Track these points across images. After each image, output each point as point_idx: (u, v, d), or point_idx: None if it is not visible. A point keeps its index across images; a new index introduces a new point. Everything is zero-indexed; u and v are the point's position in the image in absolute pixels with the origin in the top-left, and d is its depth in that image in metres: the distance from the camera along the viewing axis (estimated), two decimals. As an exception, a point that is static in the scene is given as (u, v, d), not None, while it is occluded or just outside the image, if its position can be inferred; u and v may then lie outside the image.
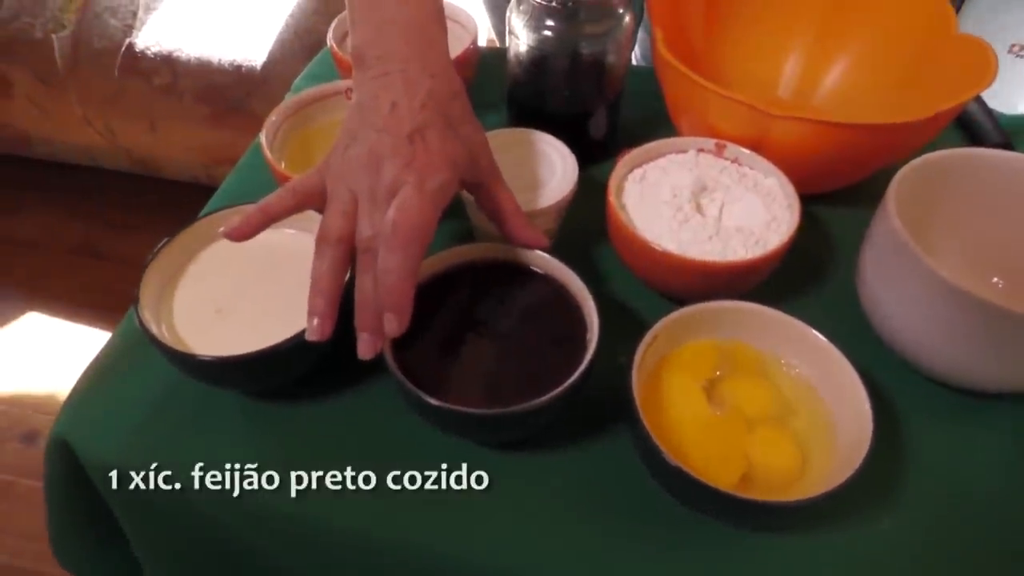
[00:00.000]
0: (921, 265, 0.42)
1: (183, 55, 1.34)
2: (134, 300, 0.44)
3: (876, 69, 0.64)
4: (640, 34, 0.91)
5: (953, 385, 0.46)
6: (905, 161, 0.48)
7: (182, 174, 1.60)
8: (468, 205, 0.52)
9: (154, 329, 0.43)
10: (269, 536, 0.45)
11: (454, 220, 0.56)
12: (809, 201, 0.58)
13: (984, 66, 0.54)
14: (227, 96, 1.35)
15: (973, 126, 0.64)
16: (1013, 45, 1.25)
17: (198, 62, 1.34)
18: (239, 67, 1.33)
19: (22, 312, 1.47)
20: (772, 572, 0.41)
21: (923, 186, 0.48)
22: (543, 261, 0.47)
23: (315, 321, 0.41)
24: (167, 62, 1.35)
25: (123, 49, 1.35)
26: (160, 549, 0.50)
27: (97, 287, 1.50)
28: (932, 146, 0.52)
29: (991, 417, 0.47)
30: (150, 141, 1.46)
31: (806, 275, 0.55)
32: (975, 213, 0.51)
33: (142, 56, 1.35)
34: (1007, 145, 0.62)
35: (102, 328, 1.44)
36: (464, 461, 0.44)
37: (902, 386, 0.48)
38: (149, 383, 0.47)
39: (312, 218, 0.48)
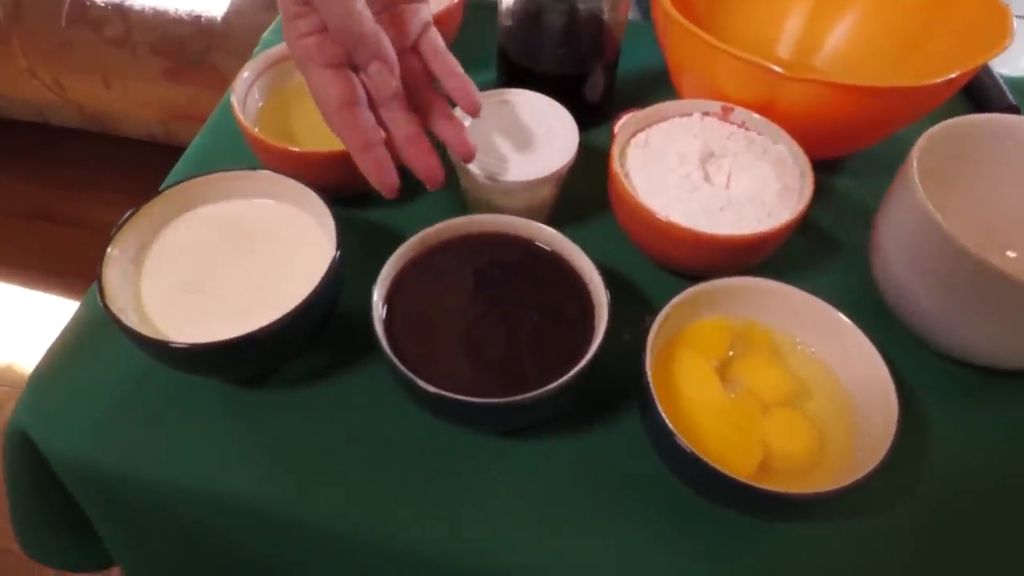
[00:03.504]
0: (946, 239, 0.40)
1: (136, 4, 1.25)
2: (96, 280, 0.39)
3: (880, 29, 0.61)
4: None
5: (969, 361, 0.45)
6: (916, 128, 0.46)
7: (139, 131, 1.52)
8: (461, 173, 0.48)
9: (120, 313, 0.38)
10: (251, 532, 0.42)
11: (446, 189, 0.52)
12: (815, 168, 0.55)
13: (999, 25, 0.51)
14: (186, 49, 1.27)
15: (979, 90, 0.62)
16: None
17: (153, 12, 1.25)
18: (198, 17, 1.25)
19: (-29, 279, 1.39)
20: (789, 560, 0.39)
21: (941, 153, 0.46)
22: (549, 236, 0.43)
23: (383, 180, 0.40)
24: (119, 11, 1.26)
25: (70, -4, 1.26)
26: (133, 544, 0.47)
27: (52, 252, 1.43)
28: (939, 110, 0.50)
29: (1012, 397, 0.45)
30: (103, 96, 1.37)
31: (813, 245, 0.53)
32: (988, 182, 0.49)
33: (91, 4, 1.26)
34: (1015, 109, 0.60)
35: (60, 295, 1.37)
36: (462, 450, 0.42)
37: (913, 361, 0.46)
38: (116, 369, 0.43)
39: (286, 185, 0.45)
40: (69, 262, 1.39)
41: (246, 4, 1.27)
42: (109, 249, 0.40)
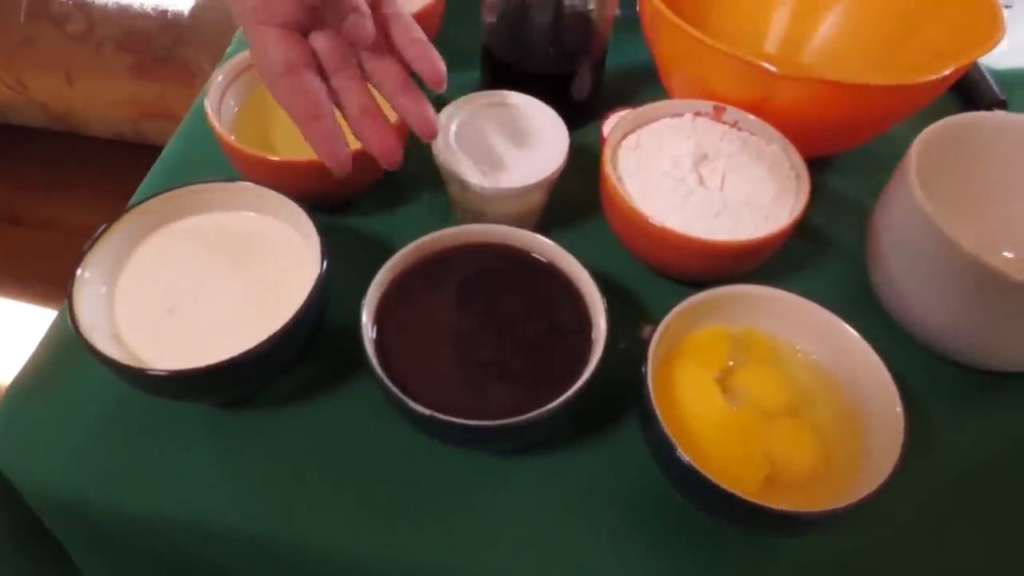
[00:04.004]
0: (945, 240, 0.39)
1: (99, -1, 1.21)
2: (67, 303, 0.37)
3: (868, 23, 0.60)
4: None
5: (969, 364, 0.44)
6: (906, 125, 0.45)
7: (107, 130, 1.47)
8: (449, 180, 0.46)
9: (93, 338, 0.36)
10: (240, 559, 0.40)
11: (435, 195, 0.50)
12: (808, 166, 0.55)
13: (990, 20, 0.51)
14: (152, 45, 1.23)
15: (967, 85, 0.61)
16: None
17: (117, 7, 1.21)
18: (164, 12, 1.21)
19: (-67, 286, 1.34)
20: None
21: (938, 152, 0.45)
22: (544, 246, 0.42)
23: (333, 153, 0.38)
24: (80, 7, 1.21)
25: (29, -9, 1.21)
26: (111, 573, 0.45)
27: (17, 256, 1.38)
28: (928, 107, 0.50)
29: (1014, 399, 0.45)
30: (68, 95, 1.33)
31: (808, 248, 0.52)
32: (986, 182, 0.48)
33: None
34: (1003, 104, 0.59)
35: (26, 301, 1.33)
36: (456, 469, 0.40)
37: (916, 366, 0.45)
38: (91, 394, 0.41)
39: (266, 196, 0.43)
40: (39, 267, 1.35)
41: (215, -3, 1.23)
42: (79, 271, 0.38)
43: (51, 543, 0.45)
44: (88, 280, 0.39)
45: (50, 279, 1.32)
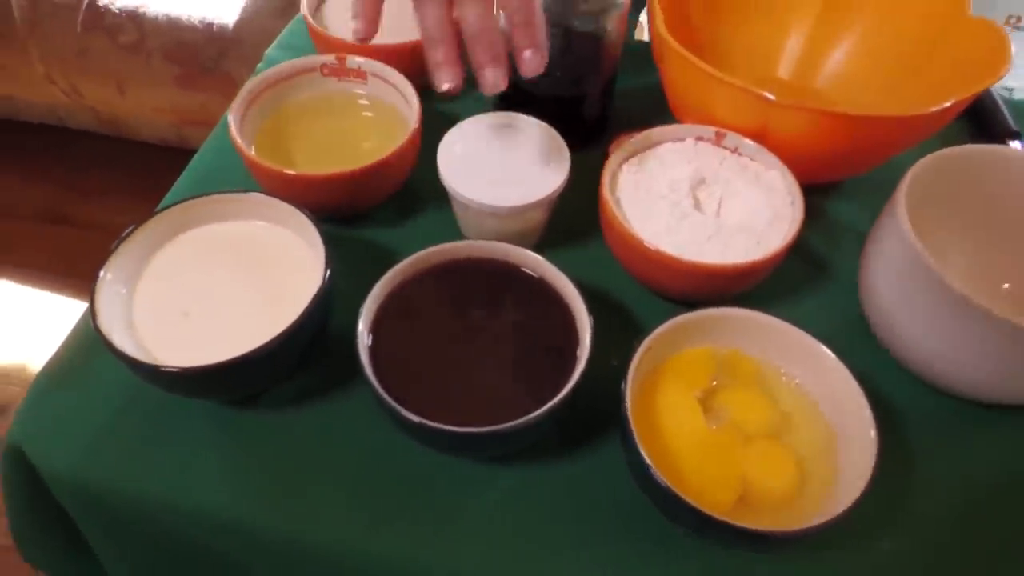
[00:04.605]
0: (930, 274, 0.39)
1: (150, 12, 1.27)
2: (90, 300, 0.40)
3: (882, 51, 0.61)
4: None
5: (958, 395, 0.44)
6: (913, 152, 0.46)
7: (152, 135, 1.54)
8: (453, 198, 0.48)
9: (112, 335, 0.39)
10: (239, 549, 0.43)
11: (440, 212, 0.53)
12: (810, 192, 0.55)
13: (998, 52, 0.51)
14: (198, 56, 1.28)
15: (980, 114, 0.61)
16: (1010, 16, 1.22)
17: (167, 19, 1.27)
18: (210, 25, 1.26)
19: (-13, 280, 1.42)
20: (767, 593, 0.39)
21: (934, 184, 0.46)
22: (536, 263, 0.44)
23: (443, 72, 0.40)
24: (133, 18, 1.27)
25: (85, 3, 1.28)
26: (125, 560, 0.48)
27: (65, 254, 1.45)
28: (937, 134, 0.50)
29: (998, 430, 0.45)
30: (118, 101, 1.39)
31: (805, 272, 0.53)
32: (987, 213, 0.49)
33: (106, 11, 1.27)
34: (1015, 134, 0.59)
35: (71, 296, 1.39)
36: (446, 474, 0.42)
37: (903, 393, 0.46)
38: (109, 387, 0.44)
39: (276, 207, 0.45)
40: (82, 264, 1.41)
41: (257, 12, 1.28)
42: (102, 272, 0.41)
43: (73, 528, 0.48)
44: (110, 281, 0.42)
45: (90, 276, 1.39)
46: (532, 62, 0.42)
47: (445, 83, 0.41)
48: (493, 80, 0.42)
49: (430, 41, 0.41)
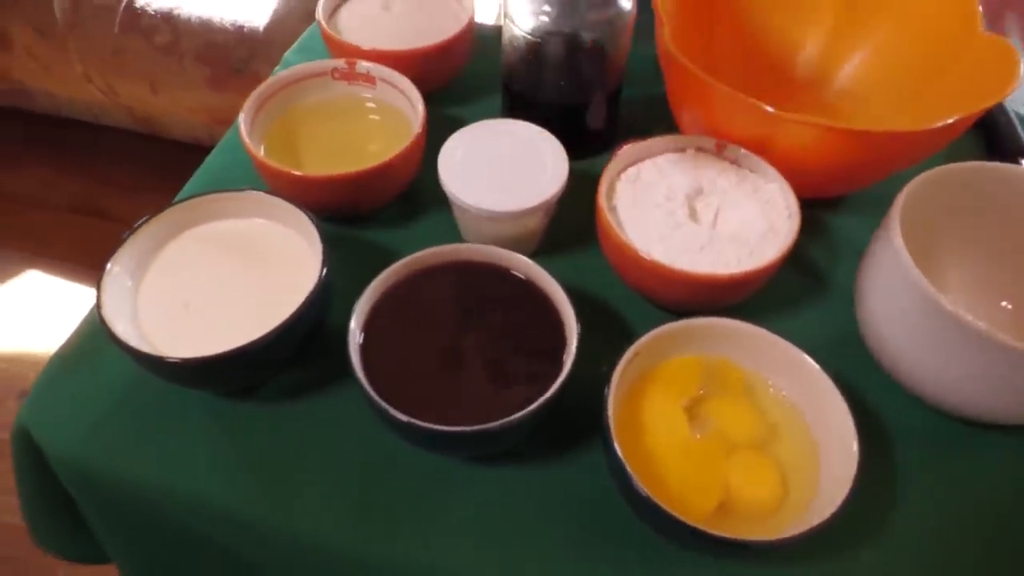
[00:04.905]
0: (922, 290, 0.39)
1: (184, 13, 1.31)
2: (96, 292, 0.42)
3: (895, 64, 0.60)
4: None
5: (948, 413, 0.44)
6: (921, 168, 0.46)
7: (185, 134, 1.58)
8: (452, 202, 0.49)
9: (116, 325, 0.41)
10: (230, 536, 0.44)
11: (442, 214, 0.54)
12: (813, 205, 0.55)
13: (1008, 70, 0.50)
14: (230, 58, 1.31)
15: (991, 129, 0.61)
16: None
17: (199, 21, 1.30)
18: (241, 27, 1.30)
19: (22, 270, 1.46)
20: (744, 603, 0.39)
21: (932, 200, 0.45)
22: (528, 267, 0.44)
23: None
24: (168, 20, 1.31)
25: (123, 5, 1.32)
26: (124, 542, 0.49)
27: (98, 247, 1.49)
28: (948, 149, 0.50)
29: (988, 449, 0.45)
30: (152, 101, 1.43)
31: (804, 285, 0.52)
32: (987, 230, 0.48)
33: (142, 13, 1.31)
34: (1028, 152, 0.58)
35: (101, 289, 1.43)
36: (433, 472, 0.43)
37: (896, 410, 0.46)
38: (113, 376, 0.46)
39: (277, 205, 0.46)
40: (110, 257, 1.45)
41: (287, 15, 1.31)
42: (109, 265, 0.43)
43: (79, 513, 0.50)
44: (116, 274, 0.43)
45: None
46: None
47: None
48: None
49: None
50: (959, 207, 0.47)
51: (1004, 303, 0.48)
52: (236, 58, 1.32)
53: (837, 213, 0.57)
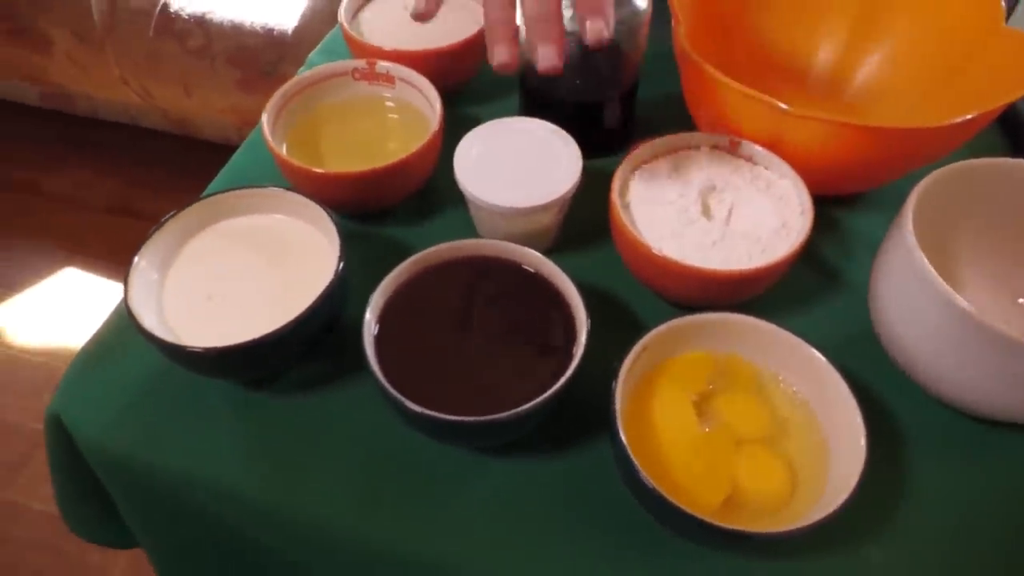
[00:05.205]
0: (936, 288, 0.39)
1: (216, 17, 1.34)
2: (124, 285, 0.44)
3: (915, 61, 0.60)
4: None
5: (963, 411, 0.44)
6: (935, 166, 0.45)
7: (216, 135, 1.62)
8: (468, 199, 0.50)
9: (143, 317, 0.43)
10: (250, 523, 0.45)
11: (459, 211, 0.54)
12: (828, 202, 0.55)
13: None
14: (259, 60, 1.34)
15: (1015, 124, 0.60)
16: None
17: (231, 24, 1.34)
18: (271, 31, 1.32)
19: (60, 268, 1.51)
20: (751, 597, 0.39)
21: (947, 196, 0.45)
22: (539, 262, 0.45)
23: (497, 48, 0.41)
24: (200, 24, 1.34)
25: (158, 9, 1.36)
26: (150, 527, 0.51)
27: (131, 247, 1.53)
28: (971, 147, 0.49)
29: (1003, 448, 0.44)
30: (185, 103, 1.47)
31: (817, 282, 0.52)
32: (1003, 227, 0.47)
33: (176, 17, 1.35)
34: (1053, 149, 0.58)
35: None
36: (446, 463, 0.44)
37: (911, 408, 0.45)
38: (141, 365, 0.48)
39: (297, 202, 0.48)
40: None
41: (316, 18, 1.34)
42: (136, 259, 0.45)
43: (110, 499, 0.52)
44: (143, 268, 0.45)
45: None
46: (594, 30, 0.41)
47: (499, 58, 0.42)
48: (546, 57, 0.42)
49: (492, 22, 0.42)
50: (974, 203, 0.47)
51: (1021, 300, 0.48)
52: (266, 61, 1.35)
53: (852, 210, 0.56)
